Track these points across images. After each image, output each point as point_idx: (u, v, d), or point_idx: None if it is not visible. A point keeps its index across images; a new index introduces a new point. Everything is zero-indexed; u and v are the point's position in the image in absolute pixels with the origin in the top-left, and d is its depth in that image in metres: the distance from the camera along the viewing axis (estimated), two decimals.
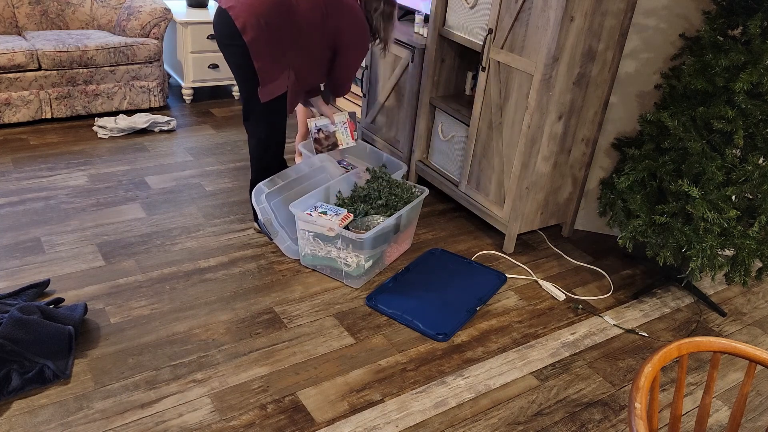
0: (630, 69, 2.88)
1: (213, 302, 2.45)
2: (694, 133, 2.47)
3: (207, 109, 4.35)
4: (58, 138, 3.67)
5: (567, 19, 2.50)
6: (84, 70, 3.78)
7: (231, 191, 3.28)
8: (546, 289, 2.76)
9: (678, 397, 1.44)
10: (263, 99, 2.58)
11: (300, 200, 2.61)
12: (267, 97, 2.58)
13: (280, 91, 2.60)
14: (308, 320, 2.41)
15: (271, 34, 2.50)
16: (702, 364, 2.43)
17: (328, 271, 2.66)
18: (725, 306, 2.82)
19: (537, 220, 3.04)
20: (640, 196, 2.63)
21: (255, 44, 2.48)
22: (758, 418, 2.20)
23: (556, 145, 2.84)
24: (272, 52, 2.52)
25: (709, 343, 1.42)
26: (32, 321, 2.05)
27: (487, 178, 3.01)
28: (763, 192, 2.43)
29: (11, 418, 1.87)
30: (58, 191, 3.11)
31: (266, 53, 2.52)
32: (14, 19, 3.96)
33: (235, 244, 2.83)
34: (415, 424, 2.01)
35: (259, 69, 2.54)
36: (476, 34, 2.93)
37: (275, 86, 2.59)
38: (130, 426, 1.89)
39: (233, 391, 2.05)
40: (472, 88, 3.38)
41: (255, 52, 2.49)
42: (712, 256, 2.42)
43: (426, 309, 2.51)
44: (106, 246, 2.72)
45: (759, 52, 2.31)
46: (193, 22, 4.14)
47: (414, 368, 2.24)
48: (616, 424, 2.11)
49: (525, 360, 2.35)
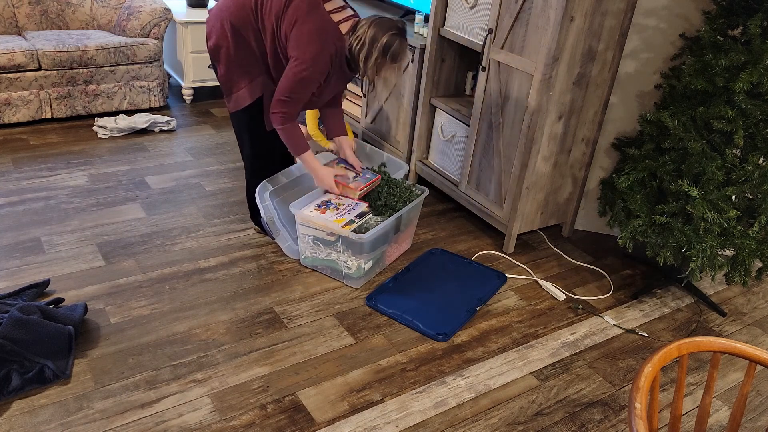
0: (630, 69, 2.88)
1: (213, 302, 2.45)
2: (694, 133, 2.47)
3: (207, 109, 4.36)
4: (58, 138, 3.67)
5: (567, 19, 2.50)
6: (84, 70, 3.78)
7: (231, 191, 3.28)
8: (546, 289, 2.76)
9: (678, 397, 1.44)
10: (230, 109, 2.50)
11: (300, 200, 2.61)
12: (234, 107, 2.49)
13: (244, 102, 2.48)
14: (308, 320, 2.41)
15: (234, 40, 2.37)
16: (702, 364, 2.43)
17: (329, 271, 2.66)
18: (725, 306, 2.82)
19: (537, 220, 3.04)
20: (640, 196, 2.63)
21: (215, 51, 2.42)
22: (758, 418, 2.20)
23: (556, 145, 2.84)
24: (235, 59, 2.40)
25: (709, 343, 1.42)
26: (32, 321, 2.05)
27: (487, 178, 3.01)
28: (763, 192, 2.43)
29: (11, 418, 1.87)
30: (58, 191, 3.11)
31: (226, 60, 2.41)
32: (14, 19, 3.96)
33: (235, 244, 2.83)
34: (415, 424, 2.01)
35: (221, 76, 2.46)
36: (476, 34, 2.93)
37: (239, 96, 2.47)
38: (130, 426, 1.89)
39: (233, 391, 2.05)
40: (472, 88, 3.38)
41: (217, 58, 2.43)
42: (712, 256, 2.42)
43: (426, 309, 2.51)
44: (106, 246, 2.72)
45: (759, 52, 2.31)
46: (193, 22, 4.14)
47: (414, 368, 2.24)
48: (616, 424, 2.11)
49: (525, 360, 2.35)
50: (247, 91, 2.47)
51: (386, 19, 2.30)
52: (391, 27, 2.27)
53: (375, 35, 2.25)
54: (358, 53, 2.28)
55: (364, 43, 2.26)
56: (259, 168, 2.71)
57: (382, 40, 2.25)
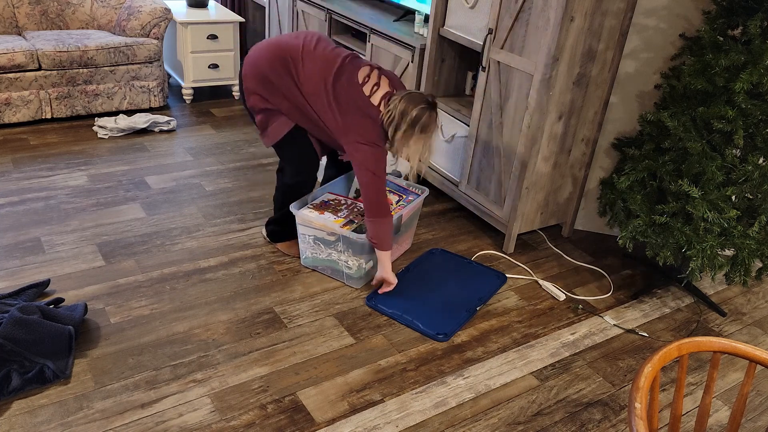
0: (630, 69, 2.88)
1: (213, 302, 2.45)
2: (694, 133, 2.47)
3: (207, 109, 4.36)
4: (58, 138, 3.67)
5: (567, 19, 2.50)
6: (84, 70, 3.78)
7: (231, 191, 3.28)
8: (546, 289, 2.76)
9: (678, 397, 1.44)
10: (267, 144, 2.55)
11: (300, 199, 2.61)
12: (270, 142, 2.53)
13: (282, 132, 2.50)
14: (308, 320, 2.41)
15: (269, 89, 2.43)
16: (702, 364, 2.43)
17: (329, 271, 2.66)
18: (725, 306, 2.82)
19: (537, 220, 3.04)
20: (640, 196, 2.63)
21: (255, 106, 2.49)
22: (758, 418, 2.20)
23: (556, 145, 2.84)
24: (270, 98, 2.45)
25: (709, 343, 1.42)
26: (32, 321, 2.05)
27: (487, 178, 3.01)
28: (763, 192, 2.43)
29: (11, 418, 1.88)
30: (58, 191, 3.11)
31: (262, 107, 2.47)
32: (14, 19, 3.96)
33: (235, 244, 2.83)
34: (415, 424, 2.01)
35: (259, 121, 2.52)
36: (476, 34, 2.93)
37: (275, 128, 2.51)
38: (130, 426, 1.89)
39: (233, 391, 2.05)
40: (472, 88, 3.38)
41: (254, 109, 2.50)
42: (712, 256, 2.42)
43: (426, 309, 2.51)
44: (106, 246, 2.72)
45: (759, 52, 2.31)
46: (193, 22, 4.15)
47: (414, 368, 2.24)
48: (616, 424, 2.11)
49: (525, 360, 2.35)
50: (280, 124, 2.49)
51: (417, 93, 2.36)
52: (420, 101, 2.32)
53: (405, 109, 2.30)
54: (388, 126, 2.34)
55: (394, 117, 2.32)
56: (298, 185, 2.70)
57: (412, 114, 2.30)
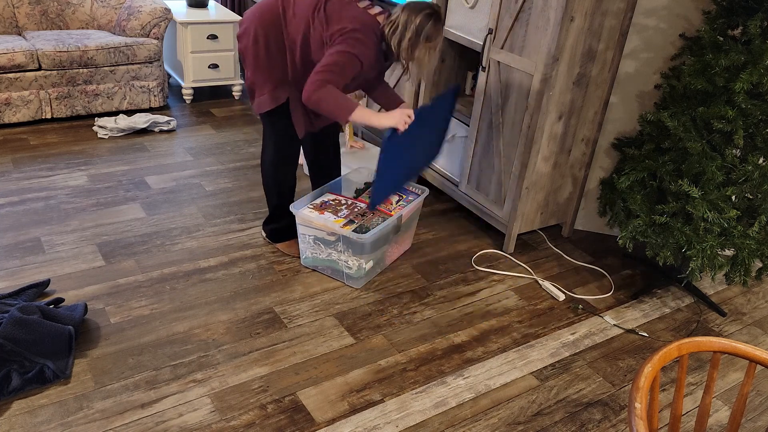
0: (630, 69, 2.88)
1: (213, 302, 2.45)
2: (694, 133, 2.47)
3: (207, 109, 4.36)
4: (58, 138, 3.67)
5: (567, 19, 2.50)
6: (84, 70, 3.78)
7: (231, 191, 3.28)
8: (546, 289, 2.76)
9: (678, 397, 1.44)
10: (255, 111, 2.50)
11: (300, 200, 2.61)
12: (257, 110, 2.51)
13: (265, 107, 2.47)
14: (308, 320, 2.41)
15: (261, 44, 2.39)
16: (702, 364, 2.43)
17: (329, 271, 2.66)
18: (725, 306, 2.82)
19: (537, 220, 3.04)
20: (640, 196, 2.63)
21: (243, 54, 2.44)
22: (758, 418, 2.20)
23: (556, 145, 2.84)
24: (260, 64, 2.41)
25: (709, 343, 1.42)
26: (32, 321, 2.05)
27: (487, 178, 3.01)
28: (763, 192, 2.43)
29: (11, 418, 1.88)
30: (58, 191, 3.11)
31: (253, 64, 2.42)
32: (14, 19, 3.96)
33: (235, 244, 2.83)
34: (415, 424, 2.01)
35: (246, 79, 2.49)
36: (476, 34, 2.93)
37: (261, 101, 2.47)
38: (130, 426, 1.89)
39: (233, 391, 2.05)
40: (472, 88, 3.38)
41: (244, 61, 2.46)
42: (712, 256, 2.42)
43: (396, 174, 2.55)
44: (106, 246, 2.72)
45: (759, 52, 2.31)
46: (193, 22, 4.14)
47: (414, 368, 2.24)
48: (616, 424, 2.11)
49: (525, 360, 2.35)
50: (269, 96, 2.46)
51: (419, 2, 2.32)
52: (423, 8, 2.29)
53: (408, 17, 2.27)
54: (391, 37, 2.30)
55: (398, 26, 2.28)
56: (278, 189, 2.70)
57: (416, 21, 2.26)
